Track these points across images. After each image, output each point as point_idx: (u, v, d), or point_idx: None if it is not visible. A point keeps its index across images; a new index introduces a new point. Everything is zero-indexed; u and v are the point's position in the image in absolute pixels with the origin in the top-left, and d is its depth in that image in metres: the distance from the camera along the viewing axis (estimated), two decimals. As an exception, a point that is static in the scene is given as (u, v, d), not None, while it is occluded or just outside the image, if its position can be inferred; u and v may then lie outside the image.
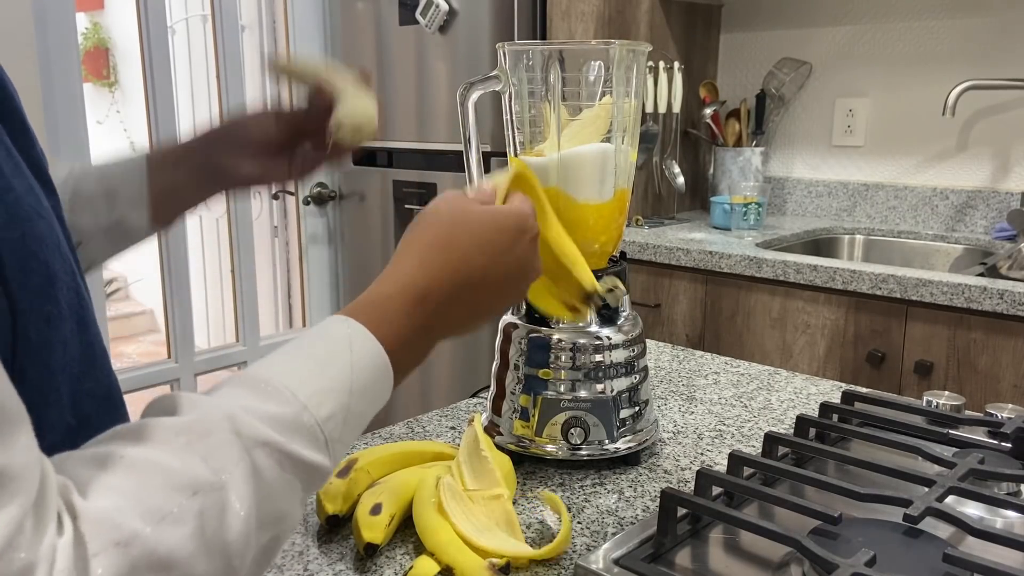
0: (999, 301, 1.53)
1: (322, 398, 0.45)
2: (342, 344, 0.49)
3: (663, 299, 2.04)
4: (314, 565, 0.66)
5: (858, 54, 2.31)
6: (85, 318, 0.53)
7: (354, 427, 0.48)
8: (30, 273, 0.46)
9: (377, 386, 0.50)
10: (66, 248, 0.52)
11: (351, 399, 0.47)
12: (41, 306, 0.47)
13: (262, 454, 0.42)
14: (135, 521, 0.36)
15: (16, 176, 0.47)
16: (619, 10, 2.24)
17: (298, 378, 0.46)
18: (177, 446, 0.40)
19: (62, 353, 0.49)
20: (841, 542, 0.62)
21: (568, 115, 0.80)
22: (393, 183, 2.48)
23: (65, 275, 0.50)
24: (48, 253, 0.48)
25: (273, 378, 0.45)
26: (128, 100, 4.86)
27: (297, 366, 0.47)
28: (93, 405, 0.53)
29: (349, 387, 0.47)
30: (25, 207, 0.47)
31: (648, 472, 0.82)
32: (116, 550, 0.35)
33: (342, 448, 0.47)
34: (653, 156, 2.36)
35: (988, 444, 0.81)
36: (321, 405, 0.45)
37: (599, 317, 0.82)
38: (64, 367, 0.50)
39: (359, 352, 0.49)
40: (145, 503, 0.37)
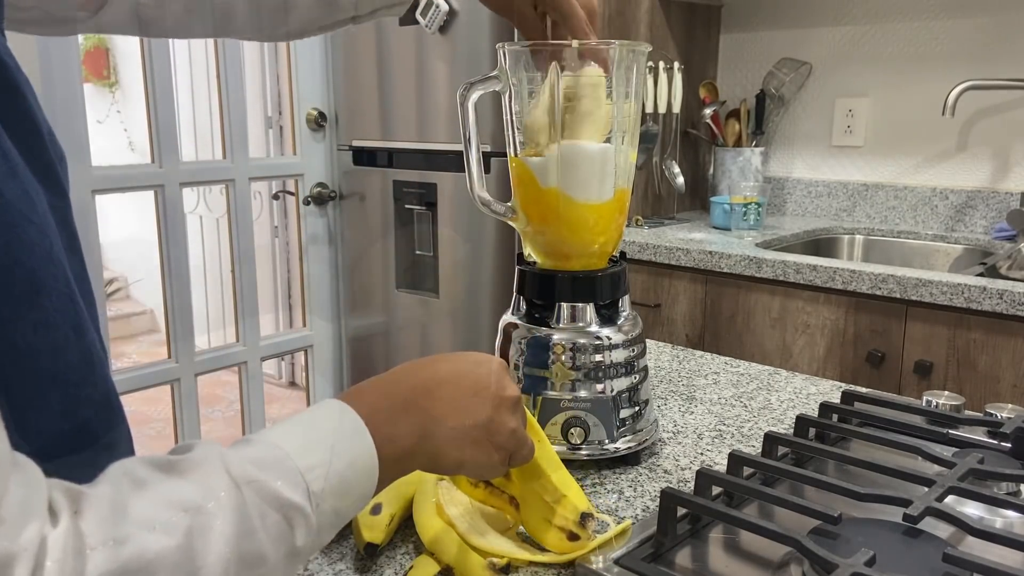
0: (999, 301, 1.53)
1: (303, 451, 0.48)
2: (326, 412, 0.52)
3: (663, 299, 2.04)
4: (314, 565, 0.66)
5: (858, 54, 2.31)
6: (81, 324, 0.52)
7: (337, 490, 0.49)
8: (14, 281, 0.46)
9: (358, 449, 0.51)
10: (59, 254, 0.51)
11: (332, 456, 0.49)
12: (26, 314, 0.47)
13: (248, 490, 0.44)
14: (130, 525, 0.38)
15: (9, 179, 0.47)
16: (619, 10, 2.24)
17: (282, 433, 0.49)
18: (172, 472, 0.43)
19: (53, 360, 0.49)
20: (841, 542, 0.62)
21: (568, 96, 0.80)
22: (393, 183, 2.48)
23: (55, 282, 0.50)
24: (36, 261, 0.48)
25: (257, 435, 0.48)
26: (128, 100, 4.86)
27: (282, 428, 0.50)
28: (91, 410, 0.53)
29: (331, 446, 0.49)
30: (13, 213, 0.46)
31: (648, 472, 0.82)
32: (113, 547, 0.37)
33: (328, 508, 0.48)
34: (653, 156, 2.36)
35: (988, 444, 0.81)
36: (302, 456, 0.47)
37: (599, 317, 0.82)
38: (57, 374, 0.50)
39: (337, 417, 0.52)
40: (140, 511, 0.40)
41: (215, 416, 3.73)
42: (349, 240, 2.65)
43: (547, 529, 0.64)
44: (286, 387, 4.12)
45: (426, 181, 2.40)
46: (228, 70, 2.28)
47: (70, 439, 0.51)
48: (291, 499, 0.46)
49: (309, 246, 2.63)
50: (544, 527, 0.64)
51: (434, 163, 2.38)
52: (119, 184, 2.11)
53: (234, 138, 2.29)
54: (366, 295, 2.61)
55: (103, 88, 4.94)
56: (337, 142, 2.62)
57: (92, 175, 1.98)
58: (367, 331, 2.62)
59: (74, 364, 0.51)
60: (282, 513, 0.45)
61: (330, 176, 2.63)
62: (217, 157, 2.45)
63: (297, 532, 0.46)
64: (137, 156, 4.69)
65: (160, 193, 2.14)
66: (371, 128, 2.51)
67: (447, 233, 2.37)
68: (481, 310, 2.31)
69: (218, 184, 2.39)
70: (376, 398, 0.55)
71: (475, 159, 0.81)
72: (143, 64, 2.11)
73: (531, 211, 0.83)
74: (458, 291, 2.36)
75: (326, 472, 0.48)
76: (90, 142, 1.98)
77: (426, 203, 2.42)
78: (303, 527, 0.46)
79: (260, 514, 0.44)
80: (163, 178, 2.13)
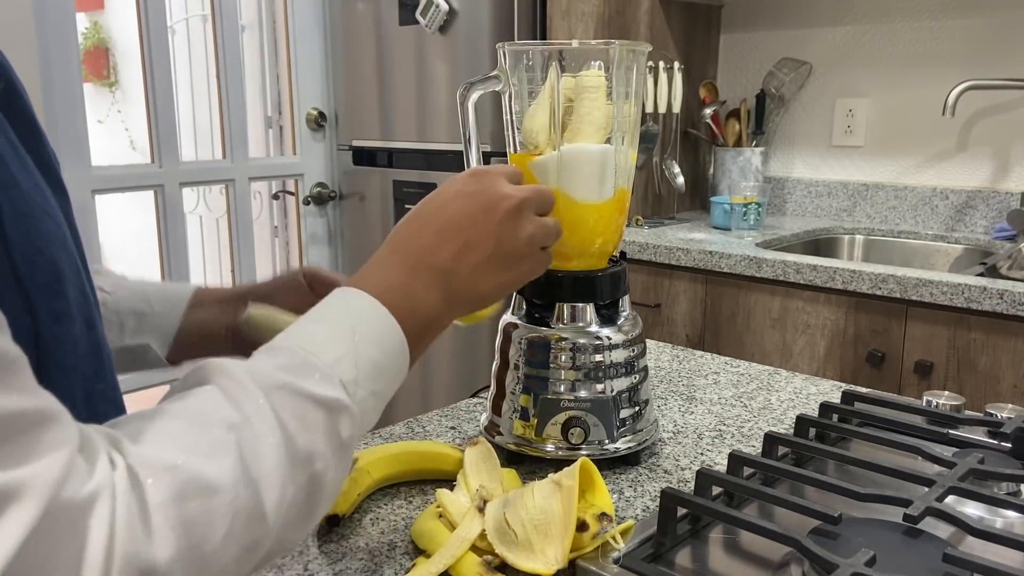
0: (999, 301, 1.53)
1: (326, 346, 0.48)
2: (334, 302, 0.52)
3: (663, 299, 2.04)
4: (314, 565, 0.66)
5: (858, 54, 2.31)
6: (92, 317, 0.53)
7: (370, 374, 0.49)
8: (37, 270, 0.47)
9: (380, 328, 0.51)
10: (72, 247, 0.52)
11: (357, 342, 0.49)
12: (50, 303, 0.48)
13: (279, 395, 0.45)
14: (180, 454, 0.40)
15: (22, 172, 0.47)
16: (619, 10, 2.24)
17: (301, 335, 0.49)
18: (206, 396, 0.44)
19: (73, 351, 0.50)
20: (841, 542, 0.62)
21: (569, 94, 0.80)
22: (393, 183, 2.48)
23: (72, 273, 0.51)
24: (55, 250, 0.48)
25: (277, 342, 0.49)
26: (128, 100, 4.86)
27: (300, 329, 0.50)
28: (105, 405, 0.54)
29: (353, 333, 0.49)
30: (31, 204, 0.47)
31: (648, 472, 0.82)
32: (166, 475, 0.39)
33: (366, 393, 0.49)
34: (653, 156, 2.36)
35: (988, 444, 0.81)
36: (325, 351, 0.48)
37: (599, 317, 0.82)
38: (76, 366, 0.51)
39: (354, 305, 0.52)
40: (186, 439, 0.41)
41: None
42: (349, 240, 2.65)
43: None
44: (286, 387, 4.11)
45: (426, 181, 2.40)
46: (228, 70, 2.28)
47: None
48: (327, 394, 0.46)
49: (309, 246, 2.63)
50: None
51: (434, 163, 2.38)
52: (119, 184, 2.11)
53: (234, 138, 2.29)
54: (366, 295, 2.61)
55: (103, 88, 4.94)
56: (337, 142, 2.62)
57: (92, 175, 1.98)
58: (367, 331, 2.61)
59: (87, 356, 0.52)
60: (323, 409, 0.46)
61: (330, 176, 2.63)
62: (217, 157, 2.45)
63: (342, 424, 0.47)
64: (139, 155, 4.69)
65: (160, 193, 2.14)
66: (371, 128, 2.51)
67: (447, 233, 2.37)
68: (481, 310, 2.31)
69: (218, 184, 2.39)
70: (383, 275, 0.55)
71: (475, 159, 0.81)
72: (143, 64, 2.11)
73: (531, 211, 0.83)
74: (458, 291, 2.36)
75: (355, 360, 0.48)
76: (90, 142, 1.98)
77: (426, 203, 2.42)
78: (346, 418, 0.47)
79: (301, 415, 0.45)
80: (163, 178, 2.13)
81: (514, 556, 0.62)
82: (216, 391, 0.44)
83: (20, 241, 0.45)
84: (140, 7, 2.09)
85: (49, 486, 0.34)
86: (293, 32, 2.52)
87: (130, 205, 4.18)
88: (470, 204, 0.58)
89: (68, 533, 0.34)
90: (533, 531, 0.62)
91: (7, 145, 0.47)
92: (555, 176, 0.79)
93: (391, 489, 0.78)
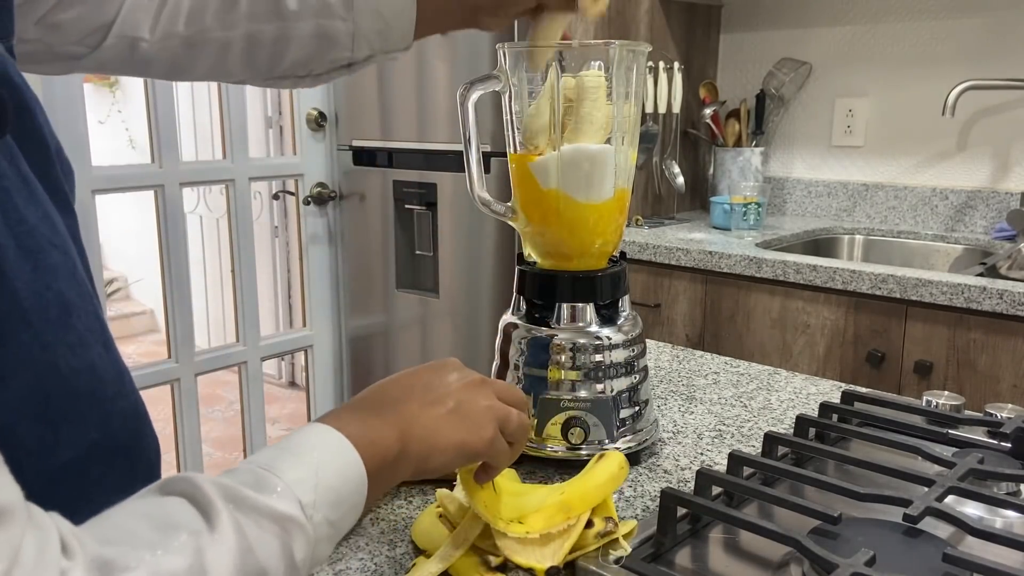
0: (999, 301, 1.53)
1: (287, 468, 0.48)
2: (302, 434, 0.52)
3: (663, 299, 2.04)
4: (314, 565, 0.66)
5: (858, 54, 2.31)
6: (108, 340, 0.53)
7: (328, 500, 0.49)
8: (48, 305, 0.47)
9: (342, 461, 0.52)
10: (82, 274, 0.52)
11: (318, 468, 0.50)
12: (63, 336, 0.48)
13: (244, 507, 0.45)
14: (141, 551, 0.39)
15: (30, 205, 0.48)
16: (619, 10, 2.24)
17: (265, 457, 0.49)
18: (174, 503, 0.44)
19: (91, 378, 0.50)
20: (841, 542, 0.62)
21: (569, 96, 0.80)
22: (393, 183, 2.48)
23: (82, 302, 0.51)
24: (62, 283, 0.49)
25: (240, 464, 0.49)
26: (128, 100, 4.86)
27: (264, 453, 0.51)
28: (120, 421, 0.54)
29: (315, 460, 0.50)
30: (38, 238, 0.47)
31: (648, 472, 0.82)
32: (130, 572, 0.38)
33: (322, 518, 0.49)
34: (653, 156, 2.36)
35: (988, 444, 0.81)
36: (286, 472, 0.48)
37: (599, 317, 0.82)
38: (94, 391, 0.51)
39: (318, 436, 0.52)
40: (146, 538, 0.40)
41: (215, 416, 3.73)
42: (349, 240, 2.65)
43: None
44: (286, 387, 4.12)
45: (426, 181, 2.40)
46: (228, 70, 2.28)
47: (100, 449, 0.52)
48: (285, 511, 0.46)
49: (309, 246, 2.63)
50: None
51: (434, 163, 2.37)
52: (119, 184, 2.11)
53: (234, 138, 2.29)
54: (366, 295, 2.61)
55: (103, 88, 4.94)
56: (337, 142, 2.62)
57: (92, 175, 1.98)
58: (367, 331, 2.62)
59: (108, 380, 0.52)
60: (279, 526, 0.46)
61: (330, 176, 2.63)
62: (217, 157, 2.45)
63: (295, 544, 0.46)
64: (139, 155, 4.69)
65: (160, 193, 2.14)
66: (371, 128, 2.51)
67: (447, 233, 2.37)
68: (481, 310, 2.31)
69: (218, 184, 2.39)
70: (348, 413, 0.56)
71: (475, 159, 0.81)
72: (143, 64, 2.11)
73: (531, 211, 0.83)
74: (458, 291, 2.36)
75: (315, 484, 0.48)
76: (91, 142, 1.98)
77: (426, 203, 2.42)
78: (300, 538, 0.47)
79: (259, 529, 0.45)
80: (163, 178, 2.13)
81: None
82: (183, 501, 0.44)
83: (28, 279, 0.46)
84: (140, 7, 2.09)
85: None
86: (293, 32, 2.52)
87: (130, 205, 4.18)
88: (441, 368, 0.63)
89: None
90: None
91: (17, 178, 0.47)
92: (555, 176, 0.80)
93: (391, 489, 0.78)
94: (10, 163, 0.47)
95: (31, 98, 0.51)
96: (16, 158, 0.48)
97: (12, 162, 0.47)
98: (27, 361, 0.45)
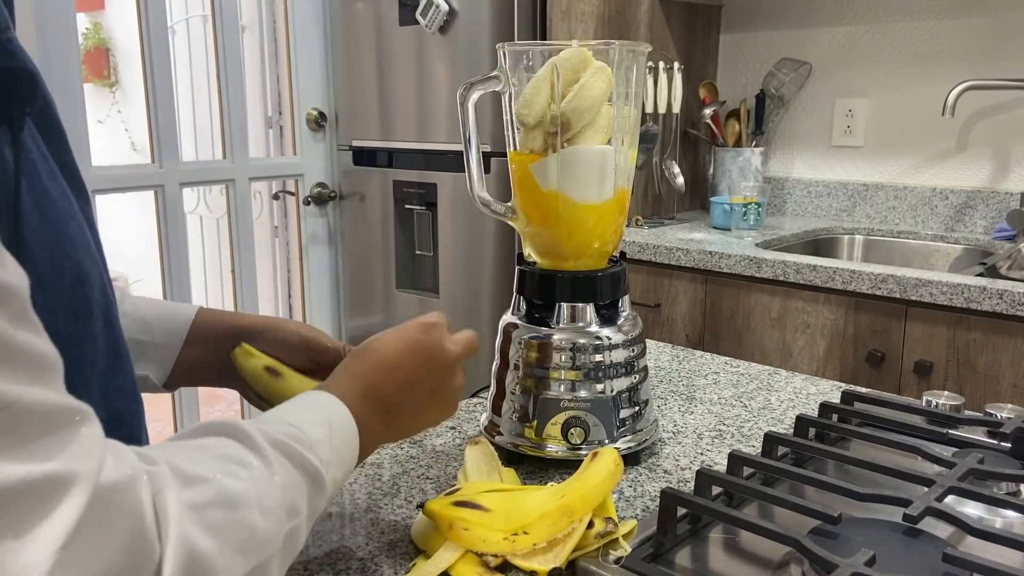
0: (999, 301, 1.53)
1: (311, 427, 0.54)
2: (313, 397, 0.59)
3: (663, 299, 2.04)
4: (314, 565, 0.66)
5: (858, 54, 2.31)
6: (111, 315, 0.56)
7: (336, 462, 0.55)
8: (63, 273, 0.50)
9: (347, 427, 0.58)
10: (95, 249, 0.55)
11: (331, 432, 0.56)
12: (72, 304, 0.51)
13: (284, 452, 0.50)
14: (209, 471, 0.44)
15: (51, 181, 0.50)
16: (619, 10, 2.24)
17: (289, 414, 0.55)
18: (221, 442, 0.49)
19: (92, 349, 0.53)
20: (841, 542, 0.62)
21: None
22: (393, 183, 2.48)
23: (95, 274, 0.54)
24: (80, 254, 0.52)
25: (267, 415, 0.55)
26: (128, 100, 4.86)
27: (287, 410, 0.57)
28: (123, 402, 0.56)
29: (329, 423, 0.56)
30: (59, 210, 0.50)
31: (648, 472, 0.82)
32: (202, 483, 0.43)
33: (330, 478, 0.54)
34: (653, 156, 2.36)
35: (988, 444, 0.81)
36: (311, 431, 0.54)
37: (599, 317, 0.82)
38: (94, 363, 0.53)
39: (329, 403, 0.58)
40: (209, 464, 0.45)
41: (215, 416, 3.74)
42: (349, 240, 2.65)
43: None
44: (286, 387, 4.11)
45: (426, 181, 2.40)
46: (228, 70, 2.28)
47: (108, 430, 0.52)
48: (315, 464, 0.52)
49: (309, 246, 2.63)
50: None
51: (434, 163, 2.38)
52: (119, 184, 2.11)
53: (234, 138, 2.29)
54: (366, 295, 2.61)
55: (103, 88, 4.93)
56: (337, 142, 2.62)
57: (92, 175, 1.98)
58: (367, 331, 2.62)
59: (104, 353, 0.55)
60: (309, 476, 0.51)
61: (330, 176, 2.64)
62: (217, 157, 2.45)
63: (317, 492, 0.52)
64: (139, 155, 4.69)
65: (160, 193, 2.14)
66: (371, 128, 2.52)
67: (447, 233, 2.37)
68: (481, 310, 2.31)
69: (218, 184, 2.39)
70: (346, 391, 0.61)
71: (475, 159, 0.81)
72: (143, 64, 2.11)
73: (531, 212, 0.83)
74: (458, 291, 2.36)
75: (329, 445, 0.54)
76: (90, 142, 1.98)
77: (426, 203, 2.42)
78: (320, 490, 0.53)
79: (297, 474, 0.50)
80: (163, 178, 2.13)
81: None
82: (232, 441, 0.49)
83: (50, 246, 0.49)
84: (140, 7, 2.09)
85: (92, 472, 0.36)
86: (293, 32, 2.52)
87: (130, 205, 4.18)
88: (417, 352, 0.66)
89: (113, 513, 0.37)
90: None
91: (39, 155, 0.50)
92: (555, 177, 0.80)
93: (391, 489, 0.78)
94: (33, 142, 0.50)
95: (47, 91, 0.53)
96: (37, 139, 0.50)
97: (35, 141, 0.50)
98: None
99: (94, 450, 0.37)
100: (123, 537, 0.37)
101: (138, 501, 0.38)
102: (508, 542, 0.62)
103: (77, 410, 0.37)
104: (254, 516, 0.45)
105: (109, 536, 0.36)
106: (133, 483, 0.38)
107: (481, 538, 0.62)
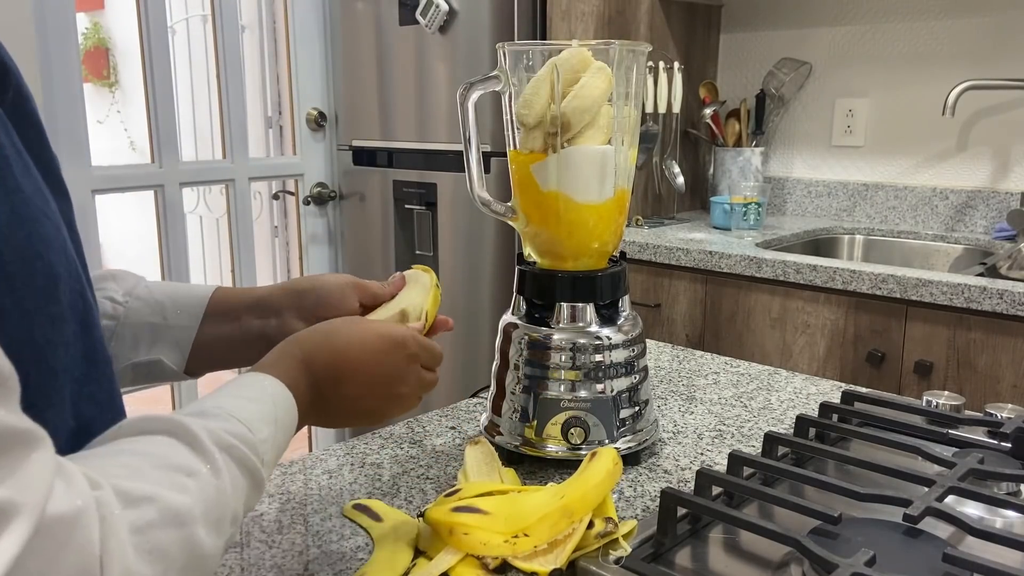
0: (999, 301, 1.53)
1: (260, 425, 0.53)
2: (263, 384, 0.57)
3: (663, 299, 2.04)
4: (315, 565, 0.66)
5: (858, 54, 2.31)
6: (88, 321, 0.53)
7: (275, 459, 0.55)
8: (35, 274, 0.47)
9: (290, 420, 0.57)
10: (71, 251, 0.52)
11: (276, 430, 0.55)
12: (45, 307, 0.48)
13: (230, 456, 0.49)
14: (151, 483, 0.42)
15: (25, 176, 0.48)
16: (619, 10, 2.24)
17: (233, 406, 0.53)
18: (165, 443, 0.47)
19: (64, 354, 0.50)
20: (841, 542, 0.62)
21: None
22: (393, 183, 2.48)
23: (69, 277, 0.51)
24: (53, 255, 0.49)
25: (210, 405, 0.53)
26: (128, 100, 4.86)
27: (231, 399, 0.54)
28: (94, 409, 0.54)
29: (275, 420, 0.55)
30: (32, 208, 0.48)
31: (648, 472, 0.82)
32: (145, 503, 0.41)
33: (267, 474, 0.53)
34: (653, 156, 2.36)
35: (988, 444, 0.81)
36: (259, 430, 0.53)
37: (599, 317, 0.82)
38: (66, 368, 0.51)
39: (277, 393, 0.57)
40: (152, 476, 0.43)
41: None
42: (349, 240, 2.65)
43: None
44: (286, 387, 4.11)
45: (426, 181, 2.40)
46: (228, 70, 2.28)
47: (74, 438, 0.51)
48: (259, 466, 0.51)
49: (309, 246, 2.63)
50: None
51: (434, 163, 2.38)
52: (119, 184, 2.11)
53: (234, 138, 2.29)
54: (366, 295, 2.61)
55: (103, 88, 4.94)
56: (337, 142, 2.62)
57: (92, 175, 1.98)
58: (367, 331, 2.61)
59: (78, 359, 0.52)
60: (253, 479, 0.51)
61: (330, 176, 2.63)
62: (217, 157, 2.45)
63: (255, 495, 0.51)
64: (139, 155, 4.69)
65: (160, 193, 2.14)
66: (371, 128, 2.52)
67: (447, 233, 2.37)
68: (481, 310, 2.31)
69: (218, 184, 2.39)
70: (291, 373, 0.60)
71: (475, 159, 0.81)
72: (143, 64, 2.11)
73: (531, 212, 0.83)
74: (458, 291, 2.36)
75: (272, 444, 0.54)
76: (90, 142, 1.98)
77: (426, 203, 2.42)
78: (258, 491, 0.52)
79: (241, 478, 0.49)
80: (163, 178, 2.13)
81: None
82: (175, 442, 0.47)
83: (20, 245, 0.46)
84: (140, 7, 2.09)
85: (38, 503, 0.34)
86: (293, 32, 2.52)
87: (130, 205, 4.18)
88: (376, 342, 0.65)
89: (60, 548, 0.35)
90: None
91: (12, 149, 0.47)
92: (555, 177, 0.80)
93: (391, 489, 0.78)
94: (6, 134, 0.48)
95: (25, 86, 0.52)
96: (10, 132, 0.48)
97: (7, 134, 0.48)
98: (3, 326, 0.45)
99: (43, 477, 0.35)
100: (70, 572, 0.35)
101: (87, 537, 0.36)
102: (509, 544, 0.62)
103: (30, 433, 0.35)
104: (199, 533, 0.44)
105: (55, 572, 0.34)
106: (82, 515, 0.36)
107: (482, 542, 0.62)
